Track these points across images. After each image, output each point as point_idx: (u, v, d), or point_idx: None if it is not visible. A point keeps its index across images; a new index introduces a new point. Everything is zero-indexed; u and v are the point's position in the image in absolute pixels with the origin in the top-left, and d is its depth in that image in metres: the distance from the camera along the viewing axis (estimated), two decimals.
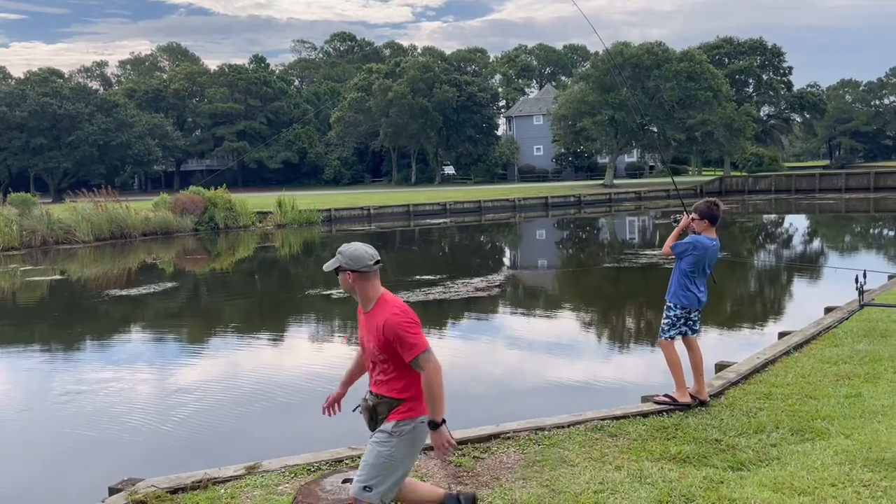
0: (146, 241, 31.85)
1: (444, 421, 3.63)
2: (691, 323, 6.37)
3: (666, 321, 6.36)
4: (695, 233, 6.30)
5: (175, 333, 13.82)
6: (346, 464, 5.30)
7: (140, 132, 71.41)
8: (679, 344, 6.40)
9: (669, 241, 6.36)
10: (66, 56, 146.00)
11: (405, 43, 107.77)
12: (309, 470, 5.25)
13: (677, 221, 6.47)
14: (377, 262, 3.75)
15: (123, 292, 18.24)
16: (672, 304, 6.32)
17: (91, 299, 17.90)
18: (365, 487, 3.68)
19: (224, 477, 5.20)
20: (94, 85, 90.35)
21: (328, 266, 3.77)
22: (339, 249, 3.76)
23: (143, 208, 34.28)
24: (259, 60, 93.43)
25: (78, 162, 69.22)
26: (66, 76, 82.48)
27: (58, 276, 22.03)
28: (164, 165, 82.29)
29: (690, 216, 6.33)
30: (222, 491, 5.02)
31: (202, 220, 35.04)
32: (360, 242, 3.83)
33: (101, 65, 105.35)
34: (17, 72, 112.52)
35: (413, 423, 3.69)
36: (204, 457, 6.82)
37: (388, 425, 3.69)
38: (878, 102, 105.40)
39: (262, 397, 9.06)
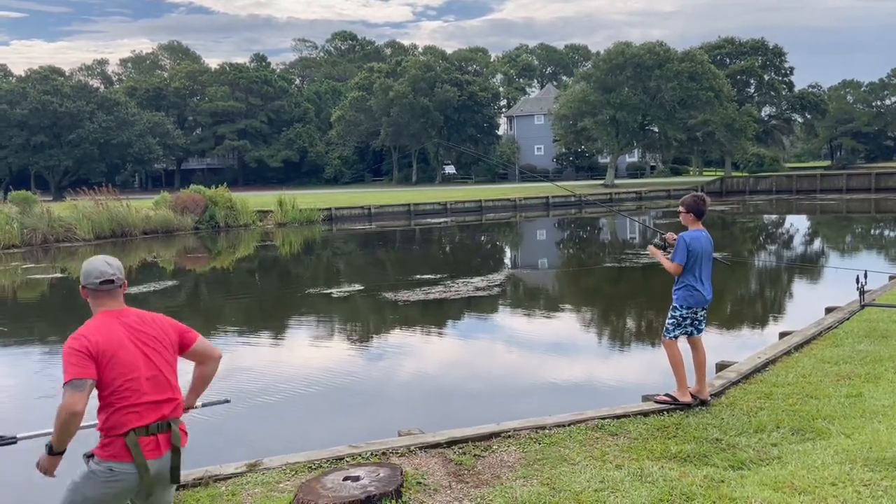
0: (147, 239, 31.87)
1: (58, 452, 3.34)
2: (697, 322, 6.37)
3: (671, 321, 6.36)
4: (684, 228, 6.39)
5: None
6: (347, 462, 5.30)
7: (141, 130, 71.44)
8: (683, 343, 6.41)
9: (665, 262, 6.35)
10: (67, 54, 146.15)
11: (406, 42, 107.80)
12: (310, 468, 5.25)
13: (661, 246, 6.55)
14: (104, 282, 3.46)
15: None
16: (678, 305, 6.32)
17: None
18: None
19: (225, 474, 5.21)
20: (95, 83, 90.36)
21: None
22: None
23: (143, 207, 34.30)
24: (260, 59, 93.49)
25: (78, 160, 69.26)
26: (67, 74, 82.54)
27: (58, 274, 22.04)
28: (164, 164, 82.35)
29: (669, 234, 6.51)
30: (223, 488, 5.03)
31: (203, 219, 35.06)
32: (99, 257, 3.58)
33: (102, 63, 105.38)
34: (18, 70, 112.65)
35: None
36: (205, 454, 6.83)
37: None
38: (879, 103, 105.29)
39: (262, 395, 9.07)
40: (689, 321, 6.32)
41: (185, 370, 3.68)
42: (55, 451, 3.32)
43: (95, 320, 3.45)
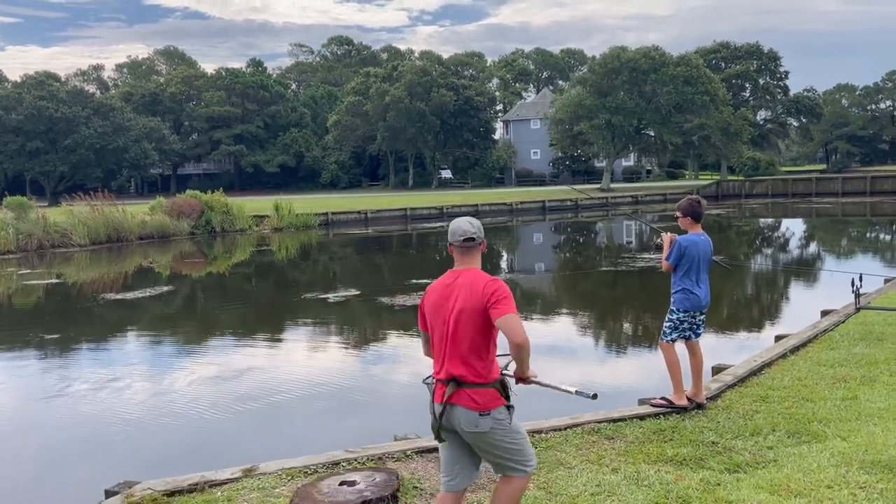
0: (143, 244, 31.83)
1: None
2: (695, 326, 6.35)
3: (668, 324, 6.36)
4: (684, 232, 6.36)
5: (171, 337, 13.80)
6: (343, 467, 5.29)
7: (137, 136, 71.41)
8: (680, 347, 6.41)
9: (664, 257, 6.38)
10: (62, 59, 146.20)
11: (402, 47, 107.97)
12: (306, 472, 5.24)
13: (659, 247, 6.52)
14: (467, 240, 3.78)
15: (119, 296, 18.21)
16: (675, 308, 6.32)
17: (87, 303, 17.87)
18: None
19: (221, 479, 5.19)
20: (91, 88, 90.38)
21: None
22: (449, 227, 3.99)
23: (139, 212, 34.25)
24: (256, 64, 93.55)
25: (74, 165, 69.18)
26: (63, 80, 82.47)
27: (54, 280, 21.99)
28: (160, 169, 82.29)
29: (668, 235, 6.42)
30: (219, 493, 5.01)
31: (199, 224, 35.03)
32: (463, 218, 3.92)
33: (98, 68, 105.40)
34: (14, 75, 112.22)
35: None
36: (201, 459, 6.82)
37: None
38: (874, 107, 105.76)
39: (258, 400, 9.05)
40: (686, 325, 6.32)
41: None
42: (521, 379, 3.82)
43: (436, 281, 3.81)
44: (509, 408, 3.71)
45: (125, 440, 7.87)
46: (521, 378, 3.84)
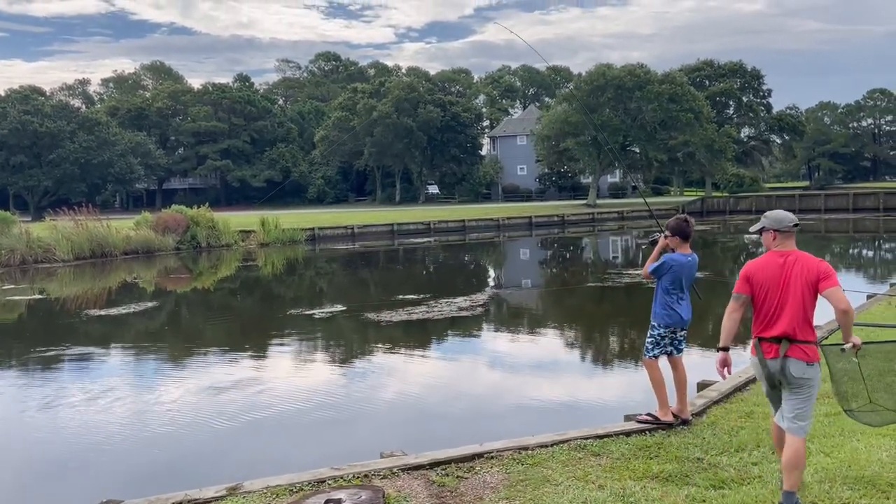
0: (127, 259, 31.61)
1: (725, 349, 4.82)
2: (676, 342, 6.40)
3: (650, 340, 6.40)
4: (672, 250, 6.37)
5: (155, 353, 13.69)
6: (329, 484, 5.26)
7: (122, 150, 71.10)
8: (664, 363, 6.44)
9: (648, 264, 6.43)
10: (48, 74, 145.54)
11: (389, 63, 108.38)
12: (291, 490, 5.21)
13: (654, 243, 6.52)
14: (795, 225, 4.72)
15: (103, 312, 18.06)
16: (656, 324, 6.37)
17: (70, 319, 17.70)
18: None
19: (205, 498, 5.14)
20: (76, 103, 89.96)
21: (753, 228, 4.88)
22: (764, 214, 4.89)
23: (124, 227, 34.03)
24: (243, 80, 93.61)
25: (59, 180, 68.72)
26: (48, 94, 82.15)
27: (37, 296, 21.78)
28: (146, 184, 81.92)
29: (664, 236, 6.40)
30: None
31: (184, 239, 34.84)
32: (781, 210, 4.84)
33: (84, 83, 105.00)
34: None
35: None
36: (184, 478, 6.75)
37: None
38: (855, 125, 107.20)
39: (243, 417, 8.98)
40: (667, 340, 6.36)
41: None
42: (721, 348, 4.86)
43: (763, 257, 4.75)
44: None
45: (107, 458, 7.78)
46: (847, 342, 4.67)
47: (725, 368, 4.82)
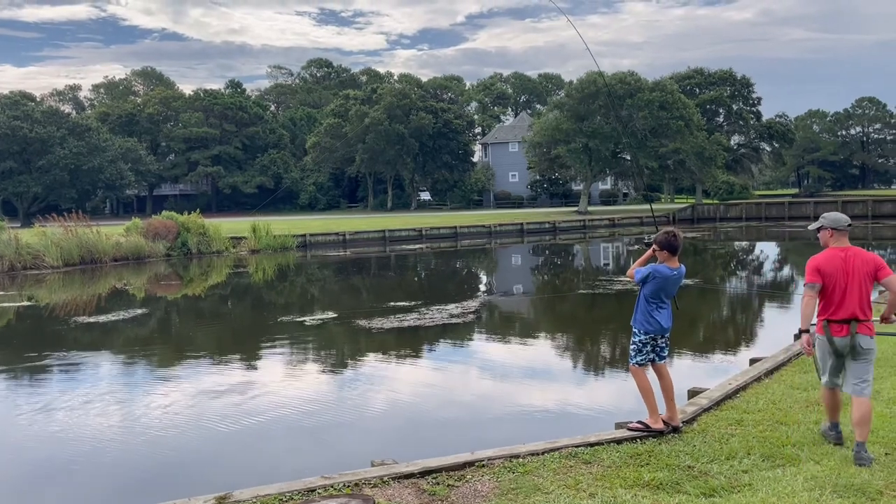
0: (117, 266, 31.44)
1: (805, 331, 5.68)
2: (658, 349, 6.42)
3: (633, 347, 6.43)
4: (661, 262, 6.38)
5: (144, 360, 13.61)
6: (319, 493, 5.23)
7: (113, 156, 70.78)
8: (650, 371, 6.45)
9: (634, 266, 6.45)
10: (38, 79, 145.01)
11: (381, 70, 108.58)
12: (281, 500, 5.17)
13: (648, 244, 6.53)
14: (849, 225, 5.66)
15: (92, 319, 17.95)
16: (637, 330, 6.41)
17: (59, 326, 17.58)
18: None
19: None
20: (67, 109, 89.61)
21: (812, 226, 5.86)
22: (822, 215, 5.80)
23: (114, 233, 33.86)
24: (235, 86, 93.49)
25: (48, 186, 68.31)
26: (38, 99, 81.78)
27: (25, 303, 21.63)
28: (136, 190, 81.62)
29: (653, 249, 6.43)
30: None
31: (175, 246, 34.70)
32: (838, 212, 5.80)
33: (74, 88, 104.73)
34: None
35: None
36: (173, 487, 6.70)
37: None
38: (844, 133, 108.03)
39: (233, 425, 8.93)
40: (649, 347, 6.38)
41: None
42: (885, 319, 5.66)
43: (826, 252, 5.68)
44: None
45: (95, 467, 7.72)
46: (886, 318, 5.64)
47: (811, 346, 5.78)
